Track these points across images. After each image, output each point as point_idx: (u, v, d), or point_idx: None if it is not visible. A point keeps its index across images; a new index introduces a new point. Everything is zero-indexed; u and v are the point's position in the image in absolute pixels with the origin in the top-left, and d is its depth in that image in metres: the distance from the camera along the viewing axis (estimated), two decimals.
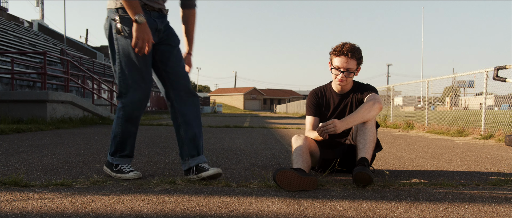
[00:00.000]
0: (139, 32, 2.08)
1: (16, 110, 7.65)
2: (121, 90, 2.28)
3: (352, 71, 2.47)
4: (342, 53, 2.44)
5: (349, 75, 2.47)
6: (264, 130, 8.07)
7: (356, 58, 2.45)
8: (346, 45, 2.46)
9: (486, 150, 4.45)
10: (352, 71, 2.47)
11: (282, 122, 13.60)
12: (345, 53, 2.43)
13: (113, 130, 2.34)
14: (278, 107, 52.82)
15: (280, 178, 2.03)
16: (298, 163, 2.22)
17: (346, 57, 2.43)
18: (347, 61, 2.44)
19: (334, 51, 2.49)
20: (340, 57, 2.45)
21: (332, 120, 2.28)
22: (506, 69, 5.18)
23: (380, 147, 2.57)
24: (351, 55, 2.43)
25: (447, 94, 12.57)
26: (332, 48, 2.52)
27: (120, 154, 2.34)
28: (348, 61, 2.44)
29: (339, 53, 2.45)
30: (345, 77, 2.47)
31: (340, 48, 2.45)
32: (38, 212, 1.60)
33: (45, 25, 30.49)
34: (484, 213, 1.70)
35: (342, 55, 2.44)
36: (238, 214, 1.64)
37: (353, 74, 2.49)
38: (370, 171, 2.14)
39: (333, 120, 2.28)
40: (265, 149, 4.16)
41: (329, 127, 2.26)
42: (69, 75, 10.06)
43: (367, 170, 2.11)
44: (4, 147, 3.91)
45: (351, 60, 2.44)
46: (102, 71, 22.27)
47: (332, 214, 1.66)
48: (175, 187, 2.09)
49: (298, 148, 2.31)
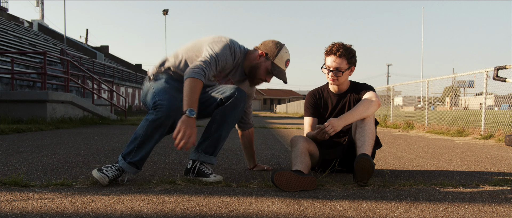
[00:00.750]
0: (185, 124, 1.92)
1: (16, 110, 7.65)
2: (159, 100, 2.09)
3: (342, 71, 2.46)
4: (332, 52, 2.46)
5: (338, 74, 2.47)
6: (264, 129, 8.07)
7: (346, 58, 2.45)
8: (335, 44, 2.48)
9: (486, 150, 4.45)
10: (341, 71, 2.46)
11: (282, 121, 13.59)
12: (334, 52, 2.45)
13: (136, 131, 2.13)
14: (278, 107, 52.81)
15: (278, 179, 2.03)
16: (297, 164, 2.22)
17: (335, 56, 2.45)
18: (336, 60, 2.45)
19: (325, 51, 2.52)
20: (330, 56, 2.48)
21: (329, 121, 2.28)
22: (506, 69, 5.18)
23: (380, 144, 2.57)
24: (340, 54, 2.43)
25: (447, 94, 12.58)
26: (325, 48, 2.55)
27: (130, 160, 2.11)
28: (336, 60, 2.45)
29: (329, 52, 2.48)
30: (335, 76, 2.48)
31: (330, 47, 2.48)
32: (38, 212, 1.60)
33: (45, 25, 30.52)
34: (484, 213, 1.70)
35: (332, 54, 2.46)
36: (238, 214, 1.64)
37: (342, 73, 2.47)
38: (371, 159, 2.14)
39: (330, 121, 2.28)
40: (265, 149, 4.16)
41: (327, 129, 2.25)
42: (69, 75, 10.05)
43: (368, 157, 2.12)
44: (4, 147, 3.91)
45: (340, 59, 2.44)
46: (102, 71, 22.27)
47: (332, 214, 1.66)
48: (175, 187, 2.09)
49: (297, 149, 2.31)
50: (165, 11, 38.00)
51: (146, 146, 2.12)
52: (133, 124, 9.21)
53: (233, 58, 2.29)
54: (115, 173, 2.11)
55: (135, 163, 2.12)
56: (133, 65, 35.69)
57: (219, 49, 2.19)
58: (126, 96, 22.95)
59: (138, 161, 2.13)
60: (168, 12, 37.95)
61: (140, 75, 29.29)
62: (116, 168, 2.14)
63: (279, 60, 2.36)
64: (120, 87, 22.04)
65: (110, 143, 4.60)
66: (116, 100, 20.07)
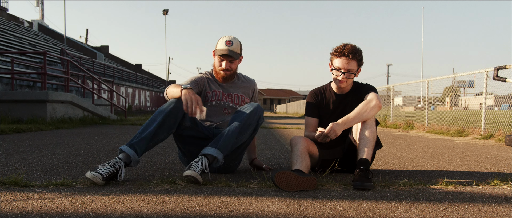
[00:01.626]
0: (186, 96, 2.19)
1: (16, 110, 7.65)
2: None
3: (353, 73, 2.46)
4: (343, 54, 2.43)
5: (350, 76, 2.46)
6: (264, 130, 8.07)
7: (357, 60, 2.45)
8: (347, 46, 2.45)
9: (486, 150, 4.45)
10: (353, 73, 2.46)
11: (282, 121, 13.60)
12: (346, 54, 2.42)
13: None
14: (278, 107, 52.80)
15: (279, 179, 2.03)
16: (297, 164, 2.21)
17: (347, 58, 2.43)
18: (348, 62, 2.43)
19: (335, 52, 2.48)
20: (341, 58, 2.45)
21: (330, 125, 2.26)
22: (506, 69, 5.18)
23: (380, 145, 2.57)
24: (352, 56, 2.42)
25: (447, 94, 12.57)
26: (332, 49, 2.51)
27: (130, 142, 2.23)
28: (349, 62, 2.43)
29: (340, 54, 2.45)
30: (346, 79, 2.47)
31: (341, 49, 2.45)
32: (38, 212, 1.60)
33: (45, 25, 30.51)
34: (484, 213, 1.70)
35: (343, 56, 2.44)
36: (238, 214, 1.64)
37: (354, 75, 2.48)
38: (370, 183, 2.11)
39: (331, 125, 2.26)
40: (265, 149, 4.16)
41: (329, 134, 2.25)
42: (69, 75, 10.05)
43: (366, 182, 2.09)
44: (4, 147, 3.91)
45: (352, 61, 2.43)
46: (102, 71, 22.26)
47: (332, 214, 1.66)
48: (175, 187, 2.09)
49: (297, 149, 2.31)
50: (165, 11, 38.00)
51: (148, 129, 2.26)
52: (133, 124, 9.21)
53: (203, 76, 2.72)
54: (109, 169, 2.12)
55: (133, 145, 2.21)
56: (133, 65, 35.68)
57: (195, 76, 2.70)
58: (126, 96, 22.94)
59: (136, 142, 2.22)
60: (168, 12, 37.95)
61: (140, 75, 29.28)
62: (111, 164, 2.14)
63: (219, 45, 2.62)
64: (120, 87, 22.05)
65: (110, 143, 4.60)
66: (116, 100, 20.07)
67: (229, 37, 2.60)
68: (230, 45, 2.56)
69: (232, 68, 2.63)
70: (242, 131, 2.35)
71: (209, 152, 2.25)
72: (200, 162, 2.19)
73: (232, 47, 2.57)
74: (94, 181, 2.06)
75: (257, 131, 2.52)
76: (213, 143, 2.29)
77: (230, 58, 2.59)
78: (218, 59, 2.62)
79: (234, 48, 2.58)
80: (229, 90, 2.71)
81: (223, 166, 2.46)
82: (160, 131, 2.28)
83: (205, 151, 2.26)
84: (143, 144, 2.24)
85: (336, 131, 2.25)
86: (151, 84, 31.89)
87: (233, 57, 2.58)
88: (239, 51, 2.63)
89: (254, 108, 2.41)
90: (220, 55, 2.59)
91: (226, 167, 2.54)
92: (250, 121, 2.38)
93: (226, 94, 2.69)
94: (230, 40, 2.58)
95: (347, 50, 2.43)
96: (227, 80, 2.70)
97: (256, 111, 2.41)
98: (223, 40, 2.59)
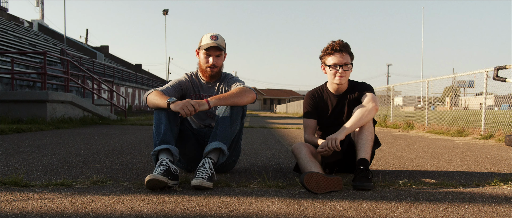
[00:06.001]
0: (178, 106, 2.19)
1: (16, 110, 7.65)
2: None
3: (349, 65, 2.49)
4: (336, 50, 2.47)
5: (348, 69, 2.49)
6: (264, 130, 8.06)
7: (348, 53, 2.50)
8: (336, 42, 2.50)
9: (486, 150, 4.45)
10: (349, 65, 2.49)
11: (282, 122, 13.60)
12: (338, 49, 2.46)
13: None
14: (278, 107, 52.79)
15: (309, 181, 1.99)
16: (313, 167, 2.20)
17: (340, 53, 2.47)
18: (342, 56, 2.47)
19: (326, 51, 2.52)
20: (334, 55, 2.48)
21: (328, 138, 2.25)
22: (506, 69, 5.18)
23: (379, 144, 2.57)
24: (344, 50, 2.47)
25: (447, 94, 12.58)
26: (322, 51, 2.55)
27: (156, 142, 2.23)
28: (343, 56, 2.47)
29: (332, 51, 2.48)
30: (344, 71, 2.48)
31: (332, 46, 2.49)
32: (38, 212, 1.60)
33: (45, 25, 30.50)
34: (484, 213, 1.70)
35: (336, 52, 2.47)
36: (238, 214, 1.64)
37: (351, 66, 2.51)
38: (370, 183, 2.12)
39: (329, 138, 2.25)
40: (265, 149, 4.16)
41: (332, 146, 2.23)
42: (69, 75, 10.05)
43: (366, 182, 2.10)
44: (4, 147, 3.91)
45: (345, 54, 2.48)
46: (102, 71, 22.26)
47: (332, 214, 1.66)
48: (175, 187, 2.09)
49: (304, 155, 2.31)
50: (165, 11, 38.03)
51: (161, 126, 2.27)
52: (133, 124, 9.21)
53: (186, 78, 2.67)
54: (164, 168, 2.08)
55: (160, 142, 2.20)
56: (133, 65, 35.69)
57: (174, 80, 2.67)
58: (126, 96, 22.95)
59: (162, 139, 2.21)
60: (168, 12, 37.98)
61: (140, 75, 29.28)
62: (159, 164, 2.11)
63: (204, 41, 2.55)
64: (120, 87, 22.05)
65: (110, 143, 4.60)
66: (116, 100, 20.07)
67: (213, 33, 2.56)
68: (215, 39, 2.52)
69: (219, 64, 2.57)
70: (233, 119, 2.35)
71: (212, 146, 2.22)
72: (205, 166, 2.14)
73: (218, 41, 2.53)
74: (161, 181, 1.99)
75: (245, 115, 2.51)
76: (211, 138, 2.28)
77: (218, 51, 2.53)
78: (204, 55, 2.55)
79: (220, 42, 2.54)
80: (213, 92, 2.63)
81: (222, 164, 2.45)
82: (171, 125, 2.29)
83: (208, 148, 2.23)
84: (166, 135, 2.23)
85: (336, 141, 2.24)
86: (151, 84, 31.88)
87: (220, 50, 2.54)
88: (225, 46, 2.60)
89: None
90: (206, 49, 2.52)
91: (224, 165, 2.53)
92: (237, 108, 2.37)
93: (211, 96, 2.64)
94: (215, 35, 2.55)
95: (338, 45, 2.47)
96: (214, 78, 2.63)
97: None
98: (207, 36, 2.54)
